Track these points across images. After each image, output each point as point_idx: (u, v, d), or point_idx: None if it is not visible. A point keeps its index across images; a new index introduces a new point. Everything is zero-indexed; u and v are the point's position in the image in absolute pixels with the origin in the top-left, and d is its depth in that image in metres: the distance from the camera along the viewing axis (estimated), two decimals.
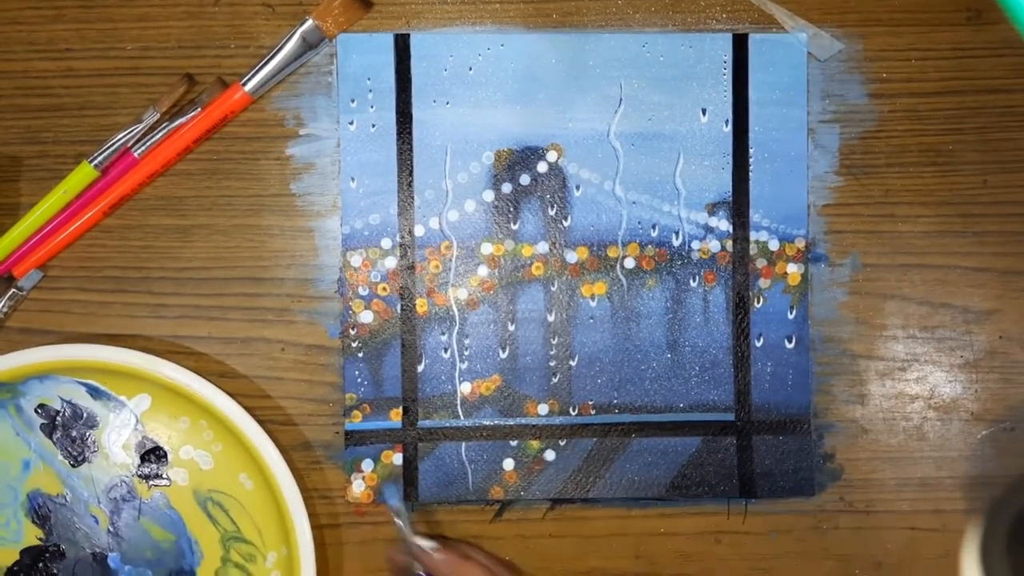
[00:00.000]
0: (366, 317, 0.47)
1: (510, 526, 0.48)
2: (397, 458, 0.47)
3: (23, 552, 0.47)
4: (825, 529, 0.48)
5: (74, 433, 0.46)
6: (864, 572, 0.48)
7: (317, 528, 0.47)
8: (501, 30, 0.47)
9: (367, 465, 0.47)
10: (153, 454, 0.46)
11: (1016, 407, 0.48)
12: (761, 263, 0.47)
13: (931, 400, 0.48)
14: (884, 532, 0.48)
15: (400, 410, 0.47)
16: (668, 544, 0.48)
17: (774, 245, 0.47)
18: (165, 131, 0.45)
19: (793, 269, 0.47)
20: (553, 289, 0.47)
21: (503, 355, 0.47)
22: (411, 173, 0.47)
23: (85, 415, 0.46)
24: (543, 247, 0.47)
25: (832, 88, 0.47)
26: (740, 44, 0.47)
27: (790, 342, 0.47)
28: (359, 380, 0.47)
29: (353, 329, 0.47)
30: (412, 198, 0.47)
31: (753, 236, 0.47)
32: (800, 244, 0.47)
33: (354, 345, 0.47)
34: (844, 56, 0.47)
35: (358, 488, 0.47)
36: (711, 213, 0.47)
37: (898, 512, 0.48)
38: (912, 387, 0.48)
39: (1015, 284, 0.48)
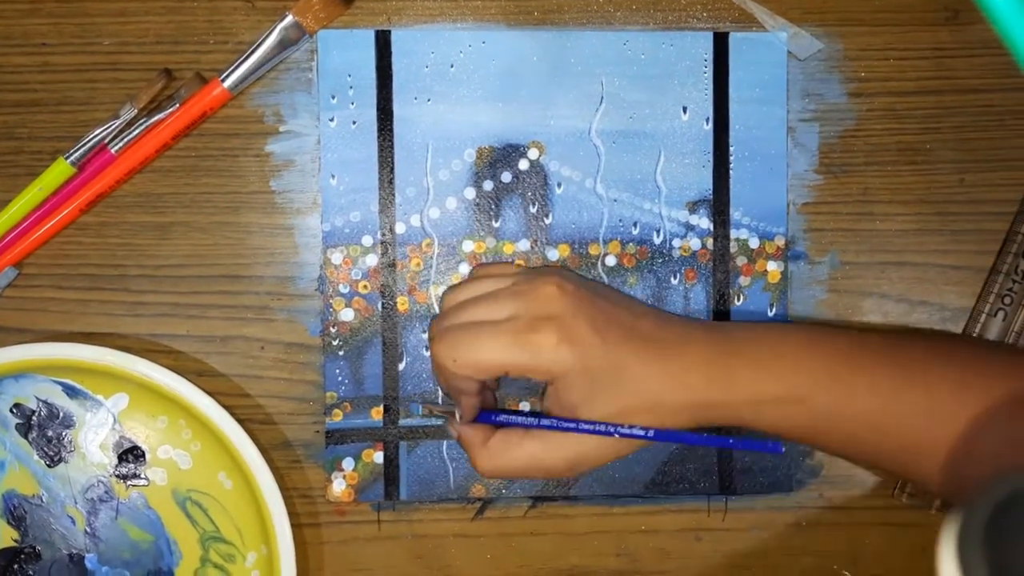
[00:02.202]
0: (347, 315, 0.47)
1: (491, 524, 0.48)
2: (378, 456, 0.47)
3: None
4: (804, 525, 0.49)
5: (50, 433, 0.46)
6: (843, 567, 0.49)
7: (297, 527, 0.47)
8: (482, 27, 0.47)
9: (348, 464, 0.47)
10: (131, 454, 0.46)
11: None
12: (741, 261, 0.48)
13: None
14: (863, 528, 0.49)
15: (381, 408, 0.47)
16: (649, 541, 0.48)
17: (754, 243, 0.48)
18: (143, 127, 0.45)
19: (773, 267, 0.48)
20: None
21: None
22: (392, 170, 0.47)
23: (61, 415, 0.46)
24: (524, 244, 0.47)
25: (812, 87, 0.48)
26: (721, 43, 0.47)
27: None
28: (340, 378, 0.47)
29: (334, 327, 0.47)
30: (393, 195, 0.47)
31: (733, 234, 0.48)
32: (780, 242, 0.48)
33: (335, 343, 0.47)
34: (824, 55, 0.48)
35: (338, 487, 0.47)
36: (692, 211, 0.47)
37: (876, 508, 0.49)
38: None
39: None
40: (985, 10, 0.28)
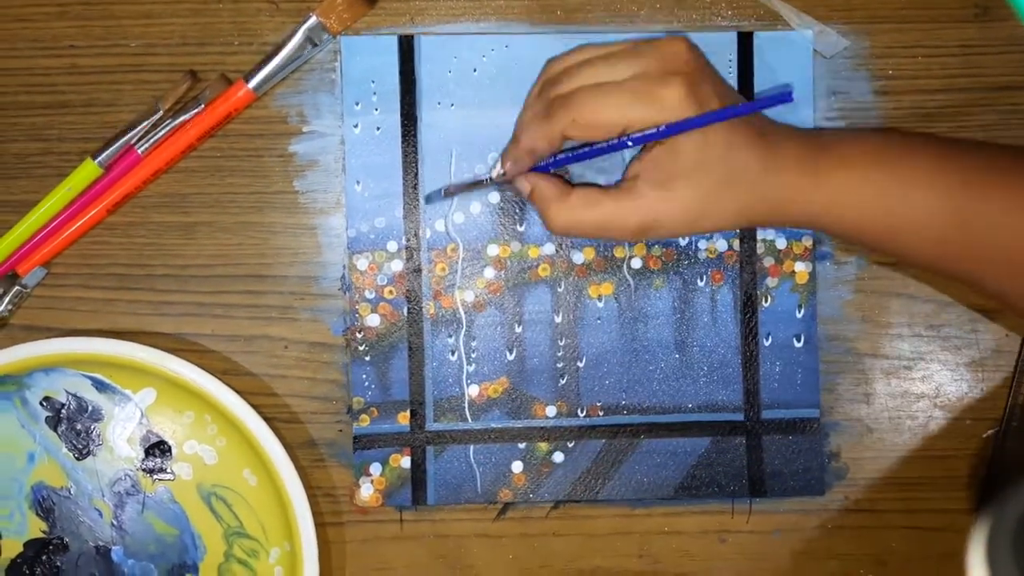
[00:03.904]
0: (373, 320, 0.47)
1: (514, 524, 0.48)
2: (405, 461, 0.47)
3: (27, 544, 0.47)
4: (830, 528, 0.48)
5: (79, 426, 0.46)
6: (868, 571, 0.49)
7: (320, 525, 0.47)
8: (505, 27, 0.46)
9: (375, 468, 0.47)
10: (157, 448, 0.46)
11: (1022, 406, 0.48)
12: (768, 262, 0.47)
13: (937, 399, 0.48)
14: (889, 531, 0.48)
15: (408, 413, 0.47)
16: (672, 543, 0.48)
17: (781, 243, 0.47)
18: (168, 128, 0.45)
19: (801, 267, 0.47)
20: (560, 290, 0.47)
21: (510, 357, 0.47)
22: (416, 175, 0.47)
23: (90, 408, 0.46)
24: (549, 248, 0.47)
25: (838, 86, 0.47)
26: (745, 42, 0.47)
27: (799, 341, 0.47)
28: (366, 384, 0.47)
29: (360, 332, 0.47)
30: (418, 201, 0.47)
31: (760, 235, 0.47)
32: (807, 242, 0.47)
33: (361, 348, 0.47)
34: (850, 53, 0.47)
35: (366, 492, 0.47)
36: None
37: (903, 511, 0.48)
38: (918, 386, 0.48)
39: None
40: (1014, 7, 0.27)
